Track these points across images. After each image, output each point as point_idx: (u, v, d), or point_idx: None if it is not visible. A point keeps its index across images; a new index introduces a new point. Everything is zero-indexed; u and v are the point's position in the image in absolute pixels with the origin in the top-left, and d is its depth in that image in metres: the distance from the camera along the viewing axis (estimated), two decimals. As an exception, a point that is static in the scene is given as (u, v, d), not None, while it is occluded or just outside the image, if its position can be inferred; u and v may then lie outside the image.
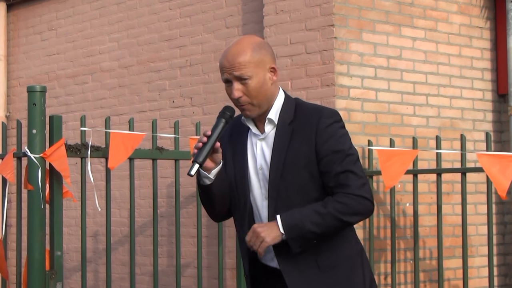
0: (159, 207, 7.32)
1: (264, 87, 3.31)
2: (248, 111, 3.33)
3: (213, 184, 3.35)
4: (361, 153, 6.27)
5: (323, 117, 3.30)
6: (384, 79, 6.49)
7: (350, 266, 3.34)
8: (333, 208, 3.23)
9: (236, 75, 3.28)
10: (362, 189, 3.27)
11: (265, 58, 3.32)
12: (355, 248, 3.39)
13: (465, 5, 7.06)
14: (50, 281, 4.99)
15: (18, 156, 5.19)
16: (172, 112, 7.56)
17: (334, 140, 3.29)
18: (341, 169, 3.26)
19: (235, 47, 3.30)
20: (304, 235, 3.22)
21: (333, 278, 3.30)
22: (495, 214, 7.00)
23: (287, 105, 3.37)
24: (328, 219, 3.22)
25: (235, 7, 7.19)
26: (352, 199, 3.24)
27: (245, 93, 3.30)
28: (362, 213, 3.28)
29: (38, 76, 8.93)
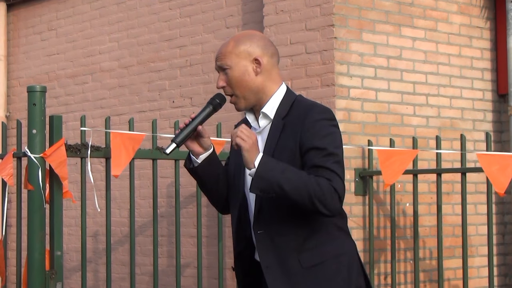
0: (159, 207, 7.32)
1: (245, 78, 3.35)
2: (235, 103, 3.41)
3: (199, 168, 3.43)
4: (361, 153, 6.28)
5: (312, 113, 3.29)
6: (384, 79, 6.49)
7: (334, 266, 3.30)
8: (312, 180, 3.17)
9: (218, 64, 3.40)
10: (339, 188, 3.21)
11: (249, 49, 3.36)
12: (343, 249, 3.34)
13: (465, 5, 7.06)
14: (50, 281, 4.99)
15: (18, 156, 5.19)
16: (172, 112, 7.56)
17: (319, 136, 3.26)
18: (321, 164, 3.22)
19: (226, 40, 3.43)
20: (270, 179, 3.18)
21: (314, 276, 3.27)
22: (495, 214, 7.00)
23: (285, 101, 3.39)
24: (301, 184, 3.17)
25: (235, 7, 7.19)
26: (329, 189, 3.19)
27: (227, 83, 3.37)
28: (326, 206, 3.19)
29: (38, 76, 8.93)
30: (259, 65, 3.37)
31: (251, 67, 3.36)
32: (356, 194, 6.25)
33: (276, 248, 3.29)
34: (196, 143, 3.42)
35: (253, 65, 3.36)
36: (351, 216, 6.19)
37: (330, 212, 3.22)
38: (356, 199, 6.26)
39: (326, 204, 3.19)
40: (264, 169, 3.20)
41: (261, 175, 3.19)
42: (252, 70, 3.36)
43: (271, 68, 3.40)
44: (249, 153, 3.21)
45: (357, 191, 6.25)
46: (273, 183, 3.18)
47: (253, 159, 3.21)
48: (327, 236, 3.32)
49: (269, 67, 3.39)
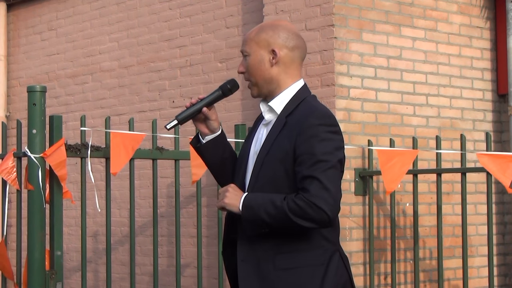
0: (159, 207, 7.32)
1: (261, 67, 3.36)
2: (250, 89, 3.44)
3: (202, 148, 3.50)
4: (361, 153, 6.27)
5: (311, 117, 3.25)
6: (384, 79, 6.49)
7: (307, 274, 3.25)
8: (287, 205, 3.17)
9: (241, 49, 3.45)
10: (321, 199, 3.15)
11: (269, 39, 3.36)
12: (319, 259, 3.27)
13: (465, 5, 7.06)
14: (50, 281, 4.99)
15: (18, 156, 5.19)
16: (172, 112, 7.55)
17: (312, 142, 3.21)
18: (308, 174, 3.18)
19: (256, 26, 3.47)
20: (256, 220, 3.23)
21: (284, 279, 3.24)
22: (495, 214, 7.00)
23: (295, 99, 3.36)
24: (280, 214, 3.18)
25: (235, 7, 7.19)
26: (308, 204, 3.15)
27: (246, 70, 3.41)
28: (313, 221, 3.17)
29: (38, 76, 8.93)
30: (275, 56, 3.35)
31: (267, 57, 3.36)
32: (356, 194, 6.25)
33: (255, 244, 3.28)
34: (204, 124, 3.48)
35: (270, 56, 3.36)
36: (351, 216, 6.20)
37: (319, 225, 3.19)
38: (356, 199, 6.26)
39: (310, 219, 3.17)
40: (246, 211, 3.25)
41: (246, 217, 3.25)
42: (268, 60, 3.36)
43: (289, 62, 3.37)
44: (230, 206, 3.29)
45: (357, 191, 6.25)
46: (257, 221, 3.23)
47: (237, 205, 3.27)
48: (307, 243, 3.26)
49: (287, 60, 3.37)
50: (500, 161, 5.49)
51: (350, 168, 6.20)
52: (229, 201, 3.29)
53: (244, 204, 3.25)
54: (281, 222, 3.20)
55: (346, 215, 6.16)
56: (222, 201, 3.30)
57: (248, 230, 3.27)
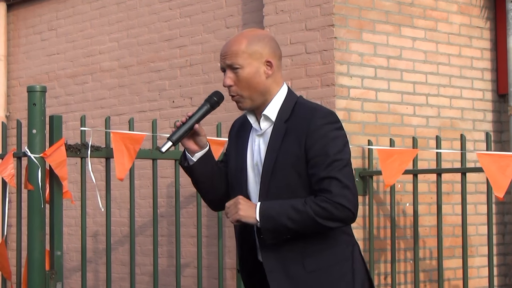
0: (159, 207, 7.32)
1: (256, 79, 3.31)
2: (240, 103, 3.36)
3: (193, 166, 3.41)
4: (361, 153, 6.27)
5: (316, 118, 3.26)
6: (384, 79, 6.49)
7: (338, 271, 3.29)
8: (311, 208, 3.18)
9: (227, 63, 3.32)
10: (344, 198, 3.20)
11: (262, 51, 3.31)
12: (347, 255, 3.33)
13: (465, 5, 7.06)
14: (50, 281, 4.99)
15: (18, 156, 5.19)
16: (172, 112, 7.56)
17: (323, 142, 3.23)
18: (325, 175, 3.20)
19: (235, 37, 3.35)
20: (277, 228, 3.20)
21: (317, 280, 3.25)
22: (495, 214, 7.00)
23: (287, 103, 3.35)
24: (304, 218, 3.18)
25: (235, 7, 7.19)
26: (332, 205, 3.19)
27: (235, 83, 3.32)
28: (340, 220, 3.22)
29: (38, 76, 8.93)
30: (270, 67, 3.33)
31: (262, 69, 3.32)
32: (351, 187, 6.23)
33: (280, 252, 3.28)
34: (192, 141, 3.40)
35: (264, 67, 3.33)
36: (351, 216, 6.19)
37: (344, 223, 3.25)
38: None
39: (336, 219, 3.21)
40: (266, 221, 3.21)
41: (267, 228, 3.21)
42: (263, 72, 3.32)
43: (277, 70, 3.37)
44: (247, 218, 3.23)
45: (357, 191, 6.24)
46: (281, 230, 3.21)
47: (254, 216, 3.22)
48: (331, 240, 3.31)
49: (276, 69, 3.36)
50: (500, 161, 5.49)
51: (350, 168, 6.19)
52: (245, 213, 3.23)
53: (261, 213, 3.22)
54: (306, 226, 3.20)
55: (346, 215, 6.16)
56: (237, 214, 3.24)
57: (269, 239, 3.24)
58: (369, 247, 6.14)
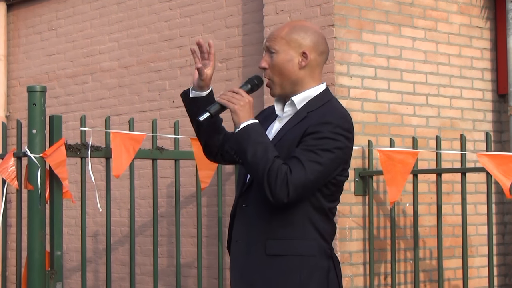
0: (159, 207, 7.32)
1: (288, 67, 3.34)
2: (270, 88, 3.39)
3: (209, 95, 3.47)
4: (361, 153, 6.27)
5: (328, 114, 3.29)
6: (384, 79, 6.49)
7: (294, 264, 3.24)
8: (273, 164, 3.17)
9: (267, 45, 3.38)
10: (293, 186, 3.16)
11: (301, 41, 3.35)
12: (312, 252, 3.26)
13: (465, 5, 7.06)
14: (50, 281, 4.99)
15: (18, 156, 5.19)
16: (172, 112, 7.56)
17: (318, 136, 3.24)
18: (298, 156, 3.20)
19: (284, 23, 3.43)
20: (240, 145, 3.23)
21: (271, 265, 3.24)
22: (495, 214, 6.99)
23: (318, 99, 3.37)
24: (262, 161, 3.18)
25: (235, 7, 7.19)
26: (283, 180, 3.15)
27: (270, 66, 3.36)
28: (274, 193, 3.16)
29: (38, 76, 8.93)
30: (305, 59, 3.35)
31: (297, 59, 3.35)
32: (356, 194, 6.25)
33: (250, 227, 3.29)
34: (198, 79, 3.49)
35: (299, 58, 3.35)
36: (351, 216, 6.20)
37: (273, 200, 3.18)
38: (356, 199, 6.26)
39: (272, 190, 3.17)
40: (243, 132, 3.25)
41: (238, 136, 3.26)
42: (297, 62, 3.35)
43: (315, 66, 3.39)
44: (236, 115, 3.28)
45: (357, 191, 6.25)
46: (242, 148, 3.23)
47: (241, 121, 3.27)
48: (300, 233, 3.26)
49: (314, 64, 3.38)
50: (500, 161, 5.49)
51: (350, 168, 6.15)
52: (239, 111, 3.26)
53: (248, 125, 3.25)
54: (256, 166, 3.19)
55: (346, 215, 6.16)
56: (233, 105, 3.27)
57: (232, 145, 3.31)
58: (369, 247, 6.14)
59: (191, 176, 6.91)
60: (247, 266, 3.28)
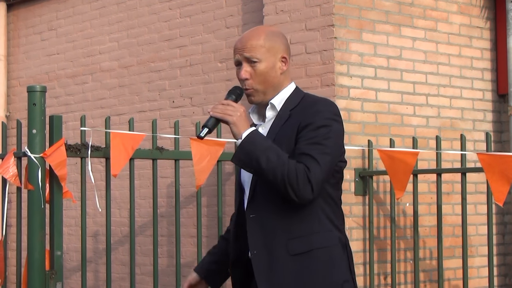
0: (159, 207, 7.32)
1: (272, 74, 3.37)
2: (252, 96, 3.39)
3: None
4: (361, 153, 6.27)
5: (317, 105, 3.33)
6: (384, 79, 6.49)
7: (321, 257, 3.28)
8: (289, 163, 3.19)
9: (246, 56, 3.36)
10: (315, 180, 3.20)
11: (277, 46, 3.39)
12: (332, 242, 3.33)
13: (465, 5, 7.06)
14: (50, 281, 4.99)
15: (18, 156, 5.19)
16: (172, 112, 7.56)
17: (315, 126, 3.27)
18: (307, 151, 3.23)
19: (251, 31, 3.42)
20: (251, 154, 3.22)
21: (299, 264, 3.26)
22: (495, 214, 7.00)
23: (294, 96, 3.41)
24: (278, 164, 3.19)
25: (235, 7, 7.19)
26: (304, 177, 3.19)
27: (252, 76, 3.37)
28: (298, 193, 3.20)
29: (38, 76, 8.93)
30: (285, 63, 3.41)
31: (278, 65, 3.39)
32: (356, 194, 6.25)
33: (265, 233, 3.30)
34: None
35: (280, 63, 3.39)
36: (351, 216, 6.20)
37: (298, 199, 3.22)
38: (356, 199, 6.26)
39: (296, 191, 3.20)
40: (248, 142, 3.23)
41: (244, 147, 3.24)
42: (278, 67, 3.39)
43: (289, 67, 3.45)
44: (236, 126, 3.26)
45: (357, 191, 6.26)
46: (253, 157, 3.22)
47: (241, 131, 3.26)
48: (318, 226, 3.30)
49: (289, 65, 3.45)
50: (500, 161, 5.49)
51: (350, 168, 6.19)
52: (238, 122, 3.26)
53: (249, 134, 3.25)
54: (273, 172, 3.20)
55: (346, 215, 6.16)
56: (229, 116, 3.26)
57: (237, 159, 3.26)
58: (369, 247, 6.14)
59: (191, 176, 6.91)
60: (275, 272, 3.28)
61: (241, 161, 3.25)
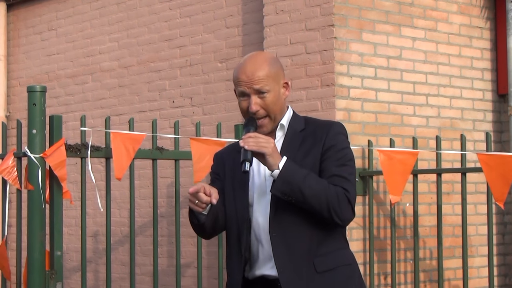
0: (159, 207, 7.32)
1: (279, 101, 3.41)
2: (265, 126, 3.40)
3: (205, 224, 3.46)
4: (361, 153, 6.27)
5: (333, 126, 3.41)
6: (384, 79, 6.49)
7: (347, 273, 3.39)
8: (330, 188, 3.26)
9: (255, 88, 3.36)
10: (353, 200, 3.34)
11: (280, 73, 3.43)
12: (351, 259, 3.45)
13: (465, 5, 7.06)
14: (50, 281, 4.99)
15: (18, 156, 5.19)
16: (172, 112, 7.56)
17: (338, 148, 3.36)
18: (338, 173, 3.33)
19: (252, 62, 3.39)
20: (292, 184, 3.24)
21: (327, 281, 3.32)
22: (495, 214, 6.99)
23: (296, 118, 3.48)
24: (320, 190, 3.25)
25: (235, 7, 7.19)
26: (345, 200, 3.30)
27: (262, 107, 3.38)
28: (341, 215, 3.29)
29: (38, 76, 8.93)
30: (286, 89, 3.45)
31: (281, 91, 3.43)
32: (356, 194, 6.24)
33: (291, 252, 3.32)
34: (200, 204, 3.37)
35: (283, 89, 3.43)
36: (351, 216, 6.19)
37: (342, 222, 3.33)
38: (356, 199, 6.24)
39: (340, 214, 3.30)
40: (287, 172, 3.25)
41: (284, 177, 3.25)
42: (282, 93, 3.43)
43: None
44: (272, 158, 3.25)
45: (357, 191, 6.23)
46: (295, 187, 3.24)
47: (277, 162, 3.26)
48: (337, 244, 3.41)
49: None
50: (500, 161, 5.49)
51: (350, 168, 6.19)
52: (273, 153, 3.25)
53: (286, 163, 3.26)
54: (316, 198, 3.24)
55: (346, 215, 6.16)
56: (265, 148, 3.24)
57: (277, 190, 3.24)
58: (369, 247, 6.14)
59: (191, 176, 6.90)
60: None
61: (282, 192, 3.26)
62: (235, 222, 3.44)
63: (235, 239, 3.44)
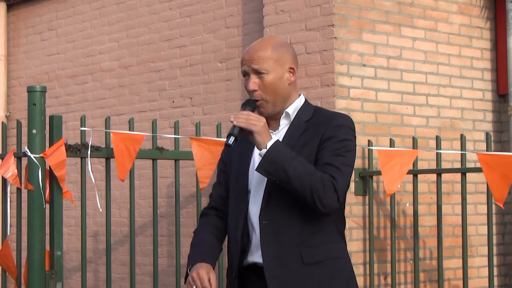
0: (159, 207, 7.32)
1: (280, 84, 3.39)
2: (262, 107, 3.41)
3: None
4: (361, 153, 6.27)
5: (338, 118, 3.40)
6: (384, 79, 6.49)
7: (334, 267, 3.34)
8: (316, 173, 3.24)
9: (254, 67, 3.38)
10: (340, 190, 3.28)
11: (285, 57, 3.40)
12: (343, 254, 3.40)
13: (465, 5, 7.06)
14: (50, 281, 4.99)
15: (18, 156, 5.19)
16: (172, 112, 7.56)
17: (337, 139, 3.34)
18: (331, 162, 3.30)
19: (258, 42, 3.42)
20: (278, 163, 3.24)
21: (313, 273, 3.29)
22: (495, 214, 6.99)
23: (306, 108, 3.46)
24: (305, 173, 3.23)
25: (235, 7, 7.19)
26: (331, 187, 3.25)
27: (260, 87, 3.38)
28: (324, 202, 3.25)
29: (38, 76, 8.93)
30: (293, 74, 3.43)
31: (286, 75, 3.41)
32: (356, 194, 6.25)
33: (279, 241, 3.31)
34: None
35: (288, 74, 3.41)
36: (351, 216, 6.20)
37: (325, 209, 3.27)
38: (356, 199, 6.26)
39: (323, 200, 3.25)
40: (273, 152, 3.25)
41: (270, 157, 3.25)
42: (286, 78, 3.41)
43: (296, 78, 3.48)
44: (260, 136, 3.27)
45: (357, 191, 6.26)
46: (280, 166, 3.24)
47: (266, 141, 3.27)
48: (329, 237, 3.36)
49: (296, 77, 3.47)
50: (500, 161, 5.49)
51: (350, 168, 6.19)
52: (262, 131, 3.26)
53: (274, 144, 3.27)
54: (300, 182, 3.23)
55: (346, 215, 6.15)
56: (254, 125, 3.26)
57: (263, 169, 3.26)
58: (369, 247, 6.14)
59: (191, 176, 6.91)
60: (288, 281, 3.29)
61: (266, 170, 3.26)
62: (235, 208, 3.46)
63: (234, 226, 3.45)
